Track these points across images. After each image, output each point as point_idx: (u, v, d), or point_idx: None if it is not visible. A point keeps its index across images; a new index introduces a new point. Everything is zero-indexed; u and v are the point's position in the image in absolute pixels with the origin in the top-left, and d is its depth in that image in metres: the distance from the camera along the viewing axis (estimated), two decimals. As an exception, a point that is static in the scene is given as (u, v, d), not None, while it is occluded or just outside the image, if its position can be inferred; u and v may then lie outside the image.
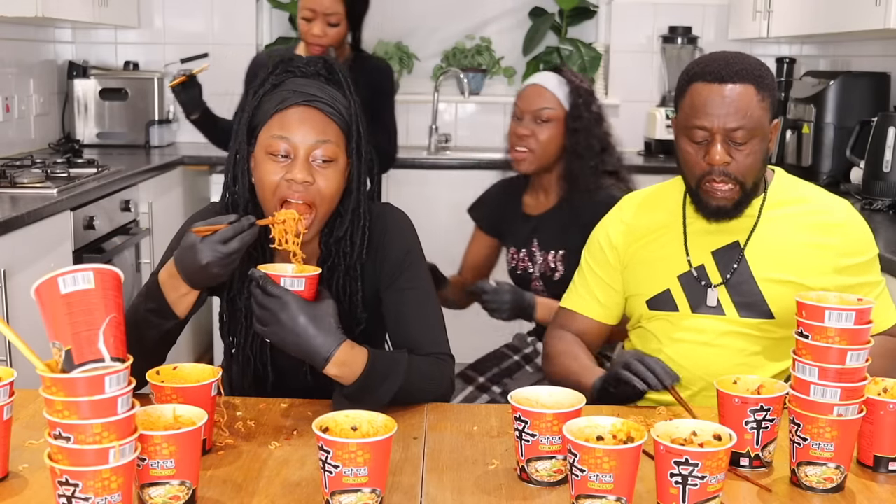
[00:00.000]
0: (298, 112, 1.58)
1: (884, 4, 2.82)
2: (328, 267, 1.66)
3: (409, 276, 1.69)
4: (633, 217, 1.92)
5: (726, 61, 1.72)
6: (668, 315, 1.85)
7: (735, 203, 1.75)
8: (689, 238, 1.85)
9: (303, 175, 1.57)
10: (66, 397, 1.06)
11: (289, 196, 1.58)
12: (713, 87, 1.69)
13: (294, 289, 1.45)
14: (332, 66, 1.64)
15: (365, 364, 1.49)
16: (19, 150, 3.83)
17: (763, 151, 1.73)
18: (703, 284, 1.81)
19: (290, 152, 1.58)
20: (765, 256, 1.79)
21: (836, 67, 4.05)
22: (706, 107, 1.69)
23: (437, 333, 1.68)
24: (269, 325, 1.44)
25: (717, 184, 1.72)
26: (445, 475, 1.35)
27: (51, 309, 1.08)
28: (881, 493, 1.32)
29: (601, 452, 1.15)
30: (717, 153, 1.70)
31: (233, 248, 1.46)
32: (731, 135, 1.69)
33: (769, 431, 1.36)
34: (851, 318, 1.29)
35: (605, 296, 1.93)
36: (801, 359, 1.32)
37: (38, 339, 1.13)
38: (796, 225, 1.79)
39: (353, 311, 1.68)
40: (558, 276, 2.44)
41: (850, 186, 3.36)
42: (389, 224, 1.72)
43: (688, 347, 1.82)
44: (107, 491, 1.08)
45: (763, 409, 1.35)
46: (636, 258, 1.90)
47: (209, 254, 1.46)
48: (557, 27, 4.67)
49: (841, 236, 1.77)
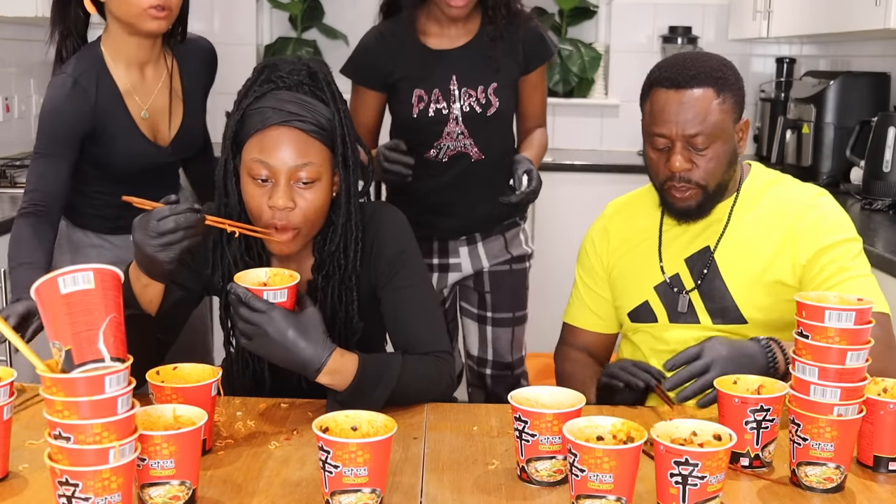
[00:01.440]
0: (278, 134, 1.55)
1: (884, 4, 2.82)
2: (323, 276, 1.66)
3: (405, 275, 1.69)
4: (613, 224, 1.92)
5: (684, 65, 1.71)
6: (649, 327, 1.84)
7: (699, 204, 1.74)
8: (665, 246, 1.83)
9: (283, 201, 1.55)
10: (66, 397, 1.07)
11: (273, 223, 1.57)
12: (670, 93, 1.69)
13: (277, 301, 1.43)
14: (316, 73, 1.60)
15: (356, 370, 1.49)
16: (19, 150, 3.83)
17: (727, 154, 1.72)
18: (676, 292, 1.80)
19: (271, 177, 1.56)
20: (734, 260, 1.76)
21: (836, 67, 4.05)
22: (664, 114, 1.69)
23: (436, 331, 1.68)
24: (256, 340, 1.42)
25: (678, 190, 1.72)
26: (445, 475, 1.35)
27: (51, 309, 1.08)
28: (881, 493, 1.32)
29: (601, 452, 1.15)
30: (677, 160, 1.69)
31: (165, 228, 1.42)
32: (691, 141, 1.68)
33: (769, 431, 1.36)
34: (851, 318, 1.29)
35: (600, 307, 1.92)
36: (802, 359, 1.31)
37: (38, 339, 1.13)
38: (767, 223, 1.76)
39: (349, 320, 1.68)
40: (492, 111, 2.36)
41: (850, 186, 3.36)
42: (383, 223, 1.71)
43: (668, 357, 1.79)
44: (107, 491, 1.08)
45: (763, 409, 1.35)
46: (618, 267, 1.88)
47: (139, 232, 1.44)
48: (557, 27, 4.67)
49: (811, 220, 1.73)
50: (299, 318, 1.43)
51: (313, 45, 4.58)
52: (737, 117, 1.73)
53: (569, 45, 4.58)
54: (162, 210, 1.44)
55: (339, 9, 4.69)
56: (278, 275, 1.49)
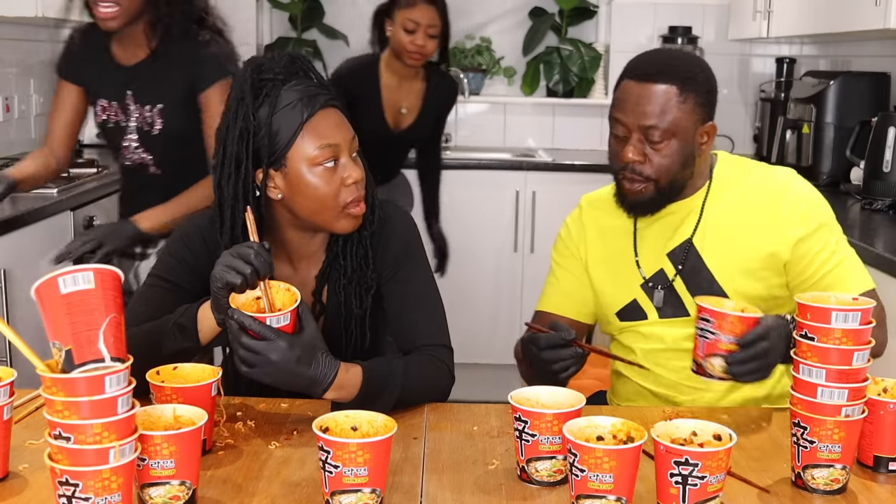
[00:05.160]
0: (325, 115, 1.58)
1: (884, 4, 2.81)
2: (329, 279, 1.68)
3: (408, 270, 1.70)
4: (588, 217, 1.91)
5: (654, 61, 1.74)
6: (638, 325, 1.83)
7: (650, 198, 1.74)
8: (643, 243, 1.83)
9: (360, 172, 1.59)
10: (66, 397, 1.06)
11: (353, 200, 1.58)
12: (636, 84, 1.71)
13: (280, 325, 1.40)
14: (301, 57, 1.62)
15: (361, 383, 1.49)
16: (19, 150, 3.83)
17: (682, 153, 1.71)
18: (662, 287, 1.80)
19: (337, 157, 1.58)
20: (715, 247, 1.77)
21: (836, 67, 4.05)
22: (625, 102, 1.72)
23: (436, 325, 1.69)
24: (259, 368, 1.39)
25: (628, 181, 1.74)
26: (445, 475, 1.35)
27: (51, 309, 1.08)
28: (881, 493, 1.32)
29: (601, 452, 1.15)
30: (630, 150, 1.71)
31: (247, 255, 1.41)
32: (647, 133, 1.70)
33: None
34: (857, 319, 1.28)
35: (576, 291, 1.90)
36: (807, 361, 1.30)
37: (39, 339, 1.13)
38: (743, 209, 1.77)
39: (356, 321, 1.70)
40: (157, 130, 2.39)
41: (850, 186, 3.36)
42: (391, 220, 1.72)
43: (660, 356, 1.81)
44: (107, 491, 1.08)
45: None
46: (598, 261, 1.87)
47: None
48: (557, 27, 4.67)
49: (787, 204, 1.74)
50: (301, 340, 1.41)
51: (313, 45, 4.59)
52: (700, 119, 1.72)
53: (569, 46, 4.58)
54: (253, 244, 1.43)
55: (339, 9, 4.70)
56: (277, 291, 1.45)
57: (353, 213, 1.60)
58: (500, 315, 4.12)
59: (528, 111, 4.72)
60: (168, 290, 1.65)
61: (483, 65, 4.78)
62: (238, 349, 1.39)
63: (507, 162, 4.27)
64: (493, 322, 4.13)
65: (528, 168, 4.15)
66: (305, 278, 1.70)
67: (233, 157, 1.58)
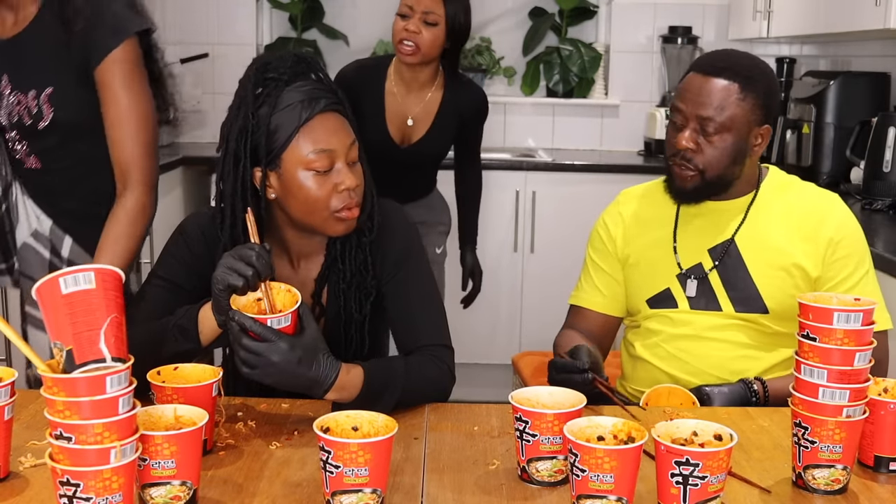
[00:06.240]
0: (324, 119, 1.57)
1: (884, 4, 2.82)
2: (329, 281, 1.68)
3: (409, 270, 1.70)
4: (628, 210, 1.95)
5: (721, 57, 1.80)
6: (668, 312, 1.87)
7: (694, 188, 1.80)
8: (685, 236, 1.87)
9: (355, 180, 1.58)
10: (67, 397, 1.06)
11: (344, 207, 1.58)
12: (700, 77, 1.78)
13: (281, 326, 1.40)
14: (306, 58, 1.61)
15: (362, 383, 1.49)
16: (19, 150, 3.82)
17: (734, 149, 1.76)
18: (698, 278, 1.84)
19: (332, 162, 1.57)
20: (756, 249, 1.81)
21: (836, 67, 4.05)
22: (687, 92, 1.78)
23: (437, 325, 1.69)
24: (260, 369, 1.39)
25: (678, 167, 1.79)
26: (446, 475, 1.35)
27: (52, 309, 1.08)
28: (881, 493, 1.32)
29: (602, 452, 1.15)
30: (684, 137, 1.77)
31: (248, 257, 1.41)
32: (703, 124, 1.75)
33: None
34: (859, 319, 1.28)
35: (608, 287, 1.95)
36: (809, 361, 1.30)
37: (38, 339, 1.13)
38: (785, 219, 1.82)
39: (357, 321, 1.70)
40: (43, 125, 1.93)
41: (850, 186, 3.36)
42: (390, 219, 1.72)
43: (686, 342, 1.84)
44: (108, 491, 1.08)
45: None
46: (635, 255, 1.91)
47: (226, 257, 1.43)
48: (557, 27, 4.67)
49: (829, 227, 1.79)
50: (302, 342, 1.41)
51: (313, 45, 4.58)
52: (757, 121, 1.77)
53: (569, 46, 4.58)
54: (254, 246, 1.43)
55: (339, 9, 4.69)
56: (278, 292, 1.45)
57: (343, 217, 1.59)
58: (500, 315, 4.12)
59: (528, 111, 4.72)
60: (168, 290, 1.65)
61: (483, 65, 4.77)
62: (239, 351, 1.39)
63: (507, 162, 4.27)
64: (493, 322, 4.12)
65: (528, 168, 4.15)
66: (305, 279, 1.70)
67: (232, 153, 1.59)
